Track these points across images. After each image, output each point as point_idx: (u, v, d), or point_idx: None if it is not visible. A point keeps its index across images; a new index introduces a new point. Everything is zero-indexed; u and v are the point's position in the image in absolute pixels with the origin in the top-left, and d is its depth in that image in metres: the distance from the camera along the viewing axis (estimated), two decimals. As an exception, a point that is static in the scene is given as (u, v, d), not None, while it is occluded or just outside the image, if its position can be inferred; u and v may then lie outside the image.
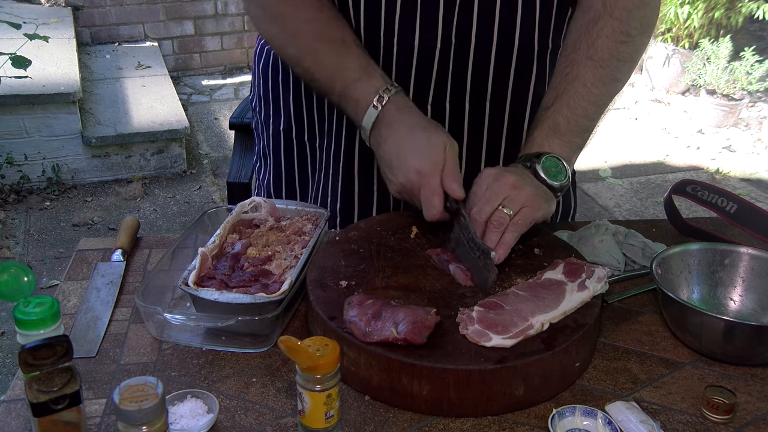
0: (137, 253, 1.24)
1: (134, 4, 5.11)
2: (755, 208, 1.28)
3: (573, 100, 1.14)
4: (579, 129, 1.15)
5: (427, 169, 1.07)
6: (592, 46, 1.13)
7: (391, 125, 1.10)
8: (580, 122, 1.14)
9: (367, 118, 1.11)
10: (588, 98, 1.14)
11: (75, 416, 0.76)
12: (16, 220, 3.53)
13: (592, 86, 1.13)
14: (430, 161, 1.07)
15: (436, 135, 1.09)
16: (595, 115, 1.16)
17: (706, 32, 5.03)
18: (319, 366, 0.76)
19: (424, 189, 1.07)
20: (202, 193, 3.90)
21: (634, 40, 1.14)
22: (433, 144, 1.08)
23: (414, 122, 1.11)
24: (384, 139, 1.11)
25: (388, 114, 1.10)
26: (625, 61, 1.16)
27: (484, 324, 0.92)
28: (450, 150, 1.08)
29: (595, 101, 1.15)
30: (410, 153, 1.08)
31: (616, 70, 1.15)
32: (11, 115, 3.68)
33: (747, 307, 1.09)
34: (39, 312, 0.84)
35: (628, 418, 0.86)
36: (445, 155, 1.07)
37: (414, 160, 1.07)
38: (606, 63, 1.13)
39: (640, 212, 3.81)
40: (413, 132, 1.09)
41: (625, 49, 1.14)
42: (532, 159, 1.11)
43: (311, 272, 1.04)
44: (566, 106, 1.13)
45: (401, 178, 1.09)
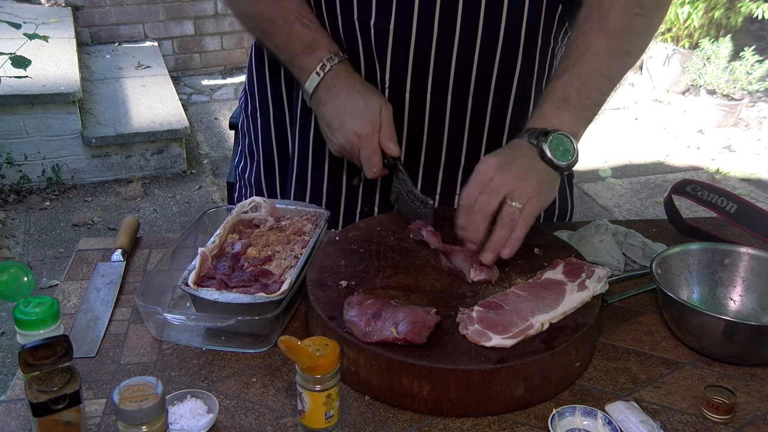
0: (137, 253, 1.24)
1: (134, 4, 5.11)
2: (755, 208, 1.28)
3: (584, 72, 1.11)
4: (589, 102, 1.12)
5: (366, 131, 1.14)
6: (604, 17, 1.10)
7: (330, 89, 1.17)
8: (591, 95, 1.12)
9: (310, 82, 1.18)
10: (600, 70, 1.11)
11: (75, 416, 0.76)
12: (16, 220, 3.53)
13: (604, 58, 1.11)
14: (367, 123, 1.14)
15: (372, 98, 1.15)
16: (606, 88, 1.13)
17: (706, 32, 5.03)
18: (319, 366, 0.76)
19: (363, 149, 1.15)
20: (202, 193, 3.90)
21: (647, 12, 1.11)
22: (370, 107, 1.15)
23: (352, 86, 1.16)
24: (324, 102, 1.18)
25: (328, 80, 1.17)
26: (638, 35, 1.13)
27: (484, 324, 0.92)
28: (385, 111, 1.16)
29: (607, 74, 1.12)
30: (349, 116, 1.15)
31: (629, 42, 1.12)
32: (11, 115, 3.68)
33: (747, 307, 1.09)
34: (39, 312, 0.84)
35: (628, 418, 0.86)
36: (380, 117, 1.15)
37: (353, 123, 1.15)
38: (618, 35, 1.10)
39: (640, 212, 3.81)
40: (351, 95, 1.16)
41: (638, 21, 1.11)
42: (539, 136, 1.08)
43: (311, 272, 1.04)
44: (577, 78, 1.11)
45: (341, 140, 1.16)
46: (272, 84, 1.35)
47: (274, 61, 1.32)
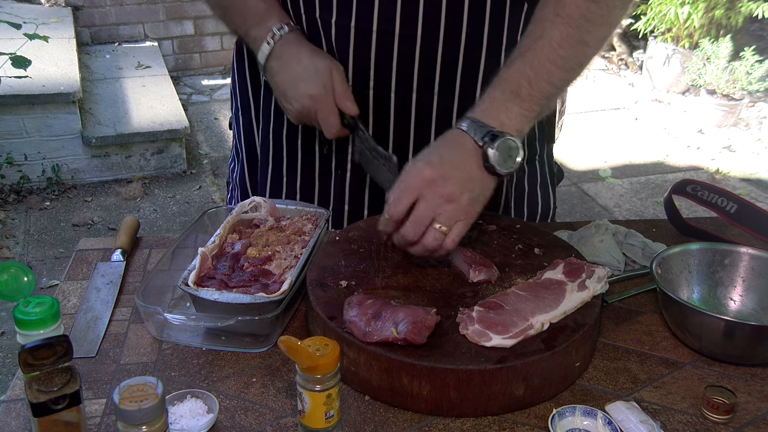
0: (137, 253, 1.24)
1: (134, 4, 5.11)
2: (755, 208, 1.28)
3: (537, 61, 1.04)
4: (540, 95, 1.04)
5: (319, 93, 1.14)
6: (559, 2, 1.04)
7: (280, 58, 1.18)
8: (543, 87, 1.04)
9: (262, 52, 1.19)
10: (553, 60, 1.04)
11: (75, 416, 0.76)
12: (16, 220, 3.53)
13: (558, 47, 1.04)
14: (320, 85, 1.14)
15: (321, 61, 1.16)
16: (560, 81, 1.06)
17: (706, 32, 5.03)
18: (319, 366, 0.76)
19: (320, 111, 1.15)
20: (202, 193, 3.90)
21: (606, 1, 1.04)
22: (320, 69, 1.15)
23: (300, 52, 1.17)
24: (276, 72, 1.19)
25: (278, 49, 1.18)
26: (595, 23, 1.05)
27: (484, 324, 0.92)
28: (336, 72, 1.15)
29: (562, 64, 1.04)
30: (300, 81, 1.16)
31: (585, 31, 1.05)
32: (11, 115, 3.68)
33: (747, 307, 1.09)
34: (39, 312, 0.84)
35: (628, 418, 0.86)
36: (332, 77, 1.15)
37: (305, 86, 1.15)
38: (574, 22, 1.04)
39: (640, 212, 3.81)
40: (301, 61, 1.17)
41: (595, 9, 1.04)
42: (485, 137, 1.01)
43: (311, 272, 1.04)
44: (530, 67, 1.04)
45: (297, 106, 1.17)
46: (252, 82, 1.36)
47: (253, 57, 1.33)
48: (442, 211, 1.00)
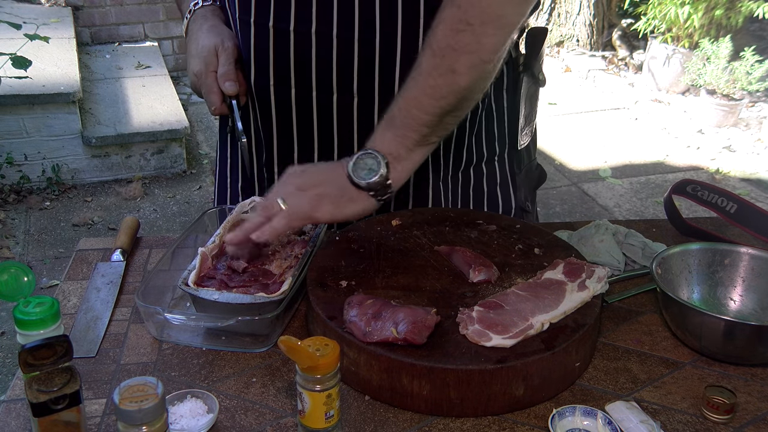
0: (137, 253, 1.24)
1: (134, 4, 5.11)
2: (755, 208, 1.28)
3: (408, 90, 1.07)
4: (413, 122, 1.07)
5: (201, 69, 1.19)
6: (433, 34, 1.06)
7: (189, 34, 1.24)
8: (413, 114, 1.07)
9: (183, 28, 1.26)
10: (422, 88, 1.06)
11: (75, 416, 0.76)
12: (16, 220, 3.53)
13: (427, 76, 1.06)
14: (202, 63, 1.19)
15: (209, 38, 1.20)
16: (431, 108, 1.06)
17: (706, 32, 5.03)
18: (319, 366, 0.76)
19: (202, 88, 1.21)
20: (202, 193, 3.90)
21: (474, 29, 1.03)
22: (206, 46, 1.20)
23: (200, 30, 1.22)
24: (185, 50, 1.25)
25: (190, 25, 1.25)
26: (463, 52, 1.04)
27: (484, 324, 0.92)
28: (222, 51, 1.19)
29: (430, 93, 1.06)
30: (190, 58, 1.22)
31: (454, 60, 1.05)
32: (11, 115, 3.68)
33: (747, 307, 1.09)
34: (39, 312, 0.84)
35: (628, 418, 0.86)
36: (216, 56, 1.19)
37: (192, 64, 1.21)
38: (443, 51, 1.04)
39: (640, 212, 3.81)
40: (195, 39, 1.22)
41: (462, 38, 1.03)
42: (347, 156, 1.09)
43: (311, 272, 1.04)
44: (402, 96, 1.07)
45: (188, 82, 1.24)
46: None
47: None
48: (289, 194, 1.06)
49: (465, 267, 1.06)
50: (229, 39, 1.21)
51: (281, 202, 1.04)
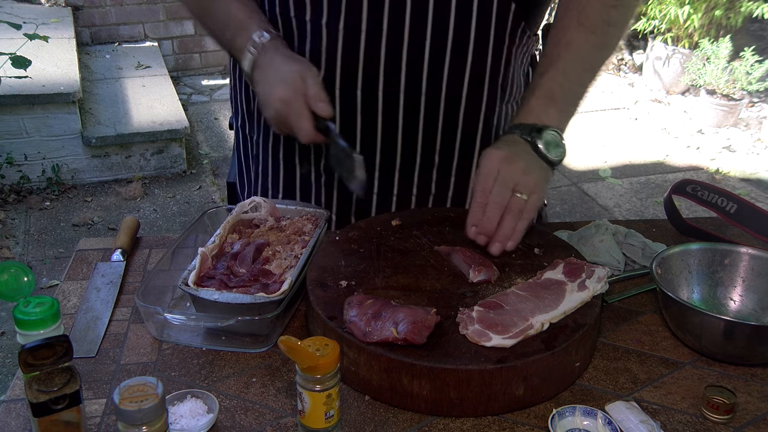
0: (137, 253, 1.24)
1: (134, 4, 5.11)
2: (755, 208, 1.28)
3: (568, 67, 1.13)
4: (573, 96, 1.15)
5: (289, 95, 1.13)
6: (582, 12, 1.13)
7: (261, 67, 1.17)
8: (575, 90, 1.15)
9: (247, 62, 1.18)
10: (582, 64, 1.14)
11: (75, 416, 0.76)
12: (16, 220, 3.53)
13: (585, 52, 1.14)
14: (289, 88, 1.13)
15: (293, 64, 1.15)
16: (588, 81, 1.16)
17: (706, 32, 5.03)
18: (319, 366, 0.76)
19: (291, 115, 1.14)
20: (202, 193, 3.90)
21: (623, 3, 1.15)
22: (290, 71, 1.14)
23: (276, 59, 1.17)
24: (258, 82, 1.18)
25: (260, 58, 1.17)
26: (615, 26, 1.16)
27: (484, 324, 0.92)
28: (308, 75, 1.14)
29: (589, 67, 1.15)
30: (272, 86, 1.15)
31: (607, 34, 1.15)
32: (11, 115, 3.68)
33: (747, 307, 1.09)
34: (39, 312, 0.84)
35: (628, 418, 0.86)
36: (303, 80, 1.14)
37: (276, 91, 1.14)
38: (597, 28, 1.13)
39: (640, 212, 3.81)
40: (274, 67, 1.16)
41: (615, 13, 1.14)
42: (533, 132, 1.11)
43: (311, 272, 1.04)
44: (561, 73, 1.13)
45: (271, 111, 1.16)
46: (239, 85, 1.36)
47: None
48: (520, 180, 1.07)
49: (465, 267, 1.06)
50: (311, 64, 1.17)
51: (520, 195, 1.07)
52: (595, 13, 1.13)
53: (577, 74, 1.14)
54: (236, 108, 1.41)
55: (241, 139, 1.42)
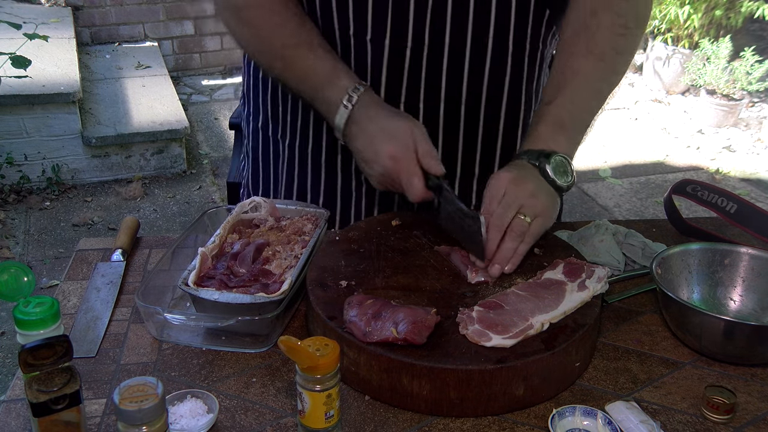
0: (137, 253, 1.24)
1: (134, 4, 5.11)
2: (755, 208, 1.28)
3: (576, 95, 1.14)
4: (581, 125, 1.15)
5: (400, 152, 1.09)
6: (591, 39, 1.14)
7: (359, 122, 1.12)
8: (583, 117, 1.15)
9: (339, 116, 1.13)
10: (590, 92, 1.15)
11: (75, 416, 0.76)
12: (16, 220, 3.53)
13: (594, 80, 1.14)
14: (401, 145, 1.09)
15: (401, 120, 1.12)
16: (596, 109, 1.17)
17: (706, 32, 5.03)
18: (319, 366, 0.76)
19: (402, 173, 1.09)
20: (202, 193, 3.90)
21: (631, 32, 1.15)
22: (400, 127, 1.10)
23: (378, 114, 1.13)
24: (355, 137, 1.13)
25: (356, 112, 1.12)
26: (624, 54, 1.17)
27: (484, 324, 0.92)
28: (418, 131, 1.11)
29: (597, 95, 1.16)
30: (380, 142, 1.10)
31: (616, 63, 1.16)
32: (11, 115, 3.68)
33: (747, 307, 1.09)
34: (39, 312, 0.84)
35: (628, 418, 0.86)
36: (413, 136, 1.10)
37: (386, 148, 1.10)
38: (606, 56, 1.14)
39: (640, 212, 3.81)
40: (380, 123, 1.12)
41: (623, 41, 1.15)
42: (540, 158, 1.10)
43: (311, 272, 1.04)
44: (569, 101, 1.13)
45: (378, 169, 1.11)
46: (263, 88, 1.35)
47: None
48: (525, 203, 1.06)
49: (463, 267, 1.06)
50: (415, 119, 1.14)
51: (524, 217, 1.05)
52: (604, 42, 1.13)
53: (585, 102, 1.15)
54: (255, 109, 1.38)
55: (261, 140, 1.39)
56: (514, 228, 1.05)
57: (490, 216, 1.06)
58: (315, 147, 1.31)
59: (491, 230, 1.05)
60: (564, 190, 1.11)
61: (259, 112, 1.37)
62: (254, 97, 1.38)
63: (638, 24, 1.17)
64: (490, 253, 1.05)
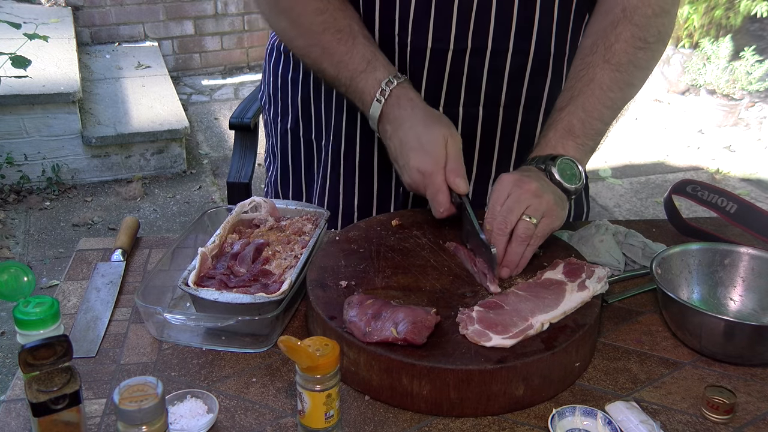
0: (137, 253, 1.24)
1: (134, 4, 5.11)
2: (755, 208, 1.28)
3: (588, 103, 1.13)
4: (593, 132, 1.14)
5: (429, 168, 1.08)
6: (609, 49, 1.13)
7: (393, 121, 1.12)
8: (594, 125, 1.14)
9: (373, 110, 1.13)
10: (603, 101, 1.13)
11: (75, 416, 0.75)
12: (16, 220, 3.53)
13: (608, 90, 1.13)
14: (431, 160, 1.08)
15: (436, 130, 1.10)
16: (609, 119, 1.15)
17: (706, 32, 5.03)
18: (319, 366, 0.76)
19: (429, 188, 1.10)
20: (202, 193, 3.90)
21: (651, 47, 1.14)
22: (433, 140, 1.09)
23: (414, 117, 1.11)
24: (389, 136, 1.13)
25: (390, 108, 1.12)
26: (641, 68, 1.16)
27: (484, 324, 0.92)
28: (451, 144, 1.09)
29: (611, 105, 1.14)
30: (411, 152, 1.10)
31: (633, 75, 1.15)
32: (11, 115, 3.68)
33: (747, 307, 1.09)
34: (39, 312, 0.84)
35: (628, 418, 0.86)
36: (446, 151, 1.09)
37: (415, 159, 1.09)
38: (623, 68, 1.13)
39: (640, 212, 3.81)
40: (413, 128, 1.10)
41: (642, 55, 1.14)
42: (547, 161, 1.10)
43: (311, 272, 1.04)
44: (581, 108, 1.13)
45: (407, 178, 1.13)
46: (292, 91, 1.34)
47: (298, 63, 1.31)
48: (530, 204, 1.04)
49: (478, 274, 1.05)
50: (451, 124, 1.12)
51: (529, 219, 1.04)
52: (622, 53, 1.12)
53: (597, 110, 1.13)
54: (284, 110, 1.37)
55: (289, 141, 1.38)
56: (520, 232, 1.04)
57: (494, 220, 1.05)
58: (348, 148, 1.30)
59: (496, 236, 1.04)
60: (572, 193, 1.10)
61: (288, 114, 1.37)
62: (282, 98, 1.37)
63: (659, 39, 1.15)
64: (499, 258, 1.05)
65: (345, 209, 1.34)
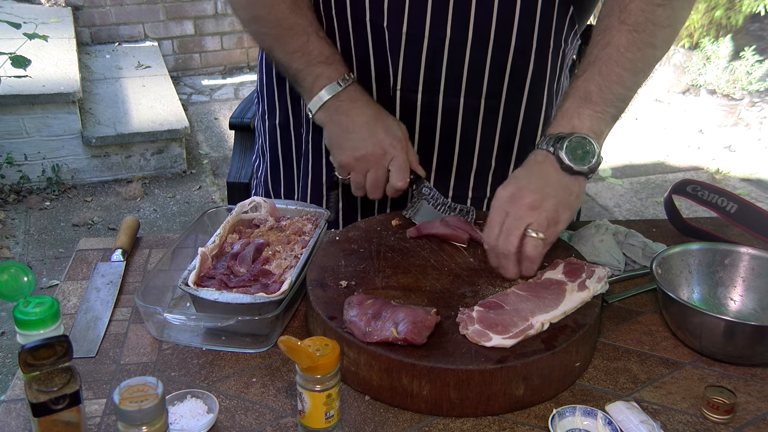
0: (137, 253, 1.24)
1: (134, 4, 5.11)
2: (755, 208, 1.28)
3: (605, 67, 1.08)
4: (613, 97, 1.09)
5: (397, 141, 1.16)
6: (624, 10, 1.08)
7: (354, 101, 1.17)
8: (614, 90, 1.08)
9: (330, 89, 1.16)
10: (621, 64, 1.08)
11: (75, 416, 0.76)
12: (16, 220, 3.53)
13: (625, 51, 1.07)
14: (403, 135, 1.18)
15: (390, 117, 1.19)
16: (630, 82, 1.09)
17: (706, 32, 5.03)
18: (319, 366, 0.76)
19: (397, 158, 1.16)
20: (202, 193, 3.90)
21: (672, 3, 1.08)
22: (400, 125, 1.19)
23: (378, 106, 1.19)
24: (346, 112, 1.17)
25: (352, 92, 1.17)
26: (662, 26, 1.08)
27: (484, 324, 0.92)
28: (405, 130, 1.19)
29: (630, 67, 1.08)
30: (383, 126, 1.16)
31: (652, 35, 1.09)
32: (11, 115, 3.68)
33: (747, 307, 1.09)
34: (39, 312, 0.84)
35: (628, 418, 0.86)
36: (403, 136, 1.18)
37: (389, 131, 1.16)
38: (641, 27, 1.07)
39: (640, 212, 3.81)
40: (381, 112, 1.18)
41: (661, 12, 1.07)
42: (555, 143, 1.06)
43: (311, 272, 1.04)
44: (598, 73, 1.08)
45: (369, 148, 1.16)
46: (279, 86, 1.34)
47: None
48: (531, 221, 1.02)
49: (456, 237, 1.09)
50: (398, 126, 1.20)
51: (535, 234, 1.02)
52: (638, 11, 1.07)
53: (615, 73, 1.08)
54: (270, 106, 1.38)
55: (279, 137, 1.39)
56: (529, 252, 1.03)
57: (496, 244, 1.04)
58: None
59: (503, 259, 1.04)
60: (587, 173, 1.07)
61: (276, 109, 1.37)
62: (269, 95, 1.37)
63: None
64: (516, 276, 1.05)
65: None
